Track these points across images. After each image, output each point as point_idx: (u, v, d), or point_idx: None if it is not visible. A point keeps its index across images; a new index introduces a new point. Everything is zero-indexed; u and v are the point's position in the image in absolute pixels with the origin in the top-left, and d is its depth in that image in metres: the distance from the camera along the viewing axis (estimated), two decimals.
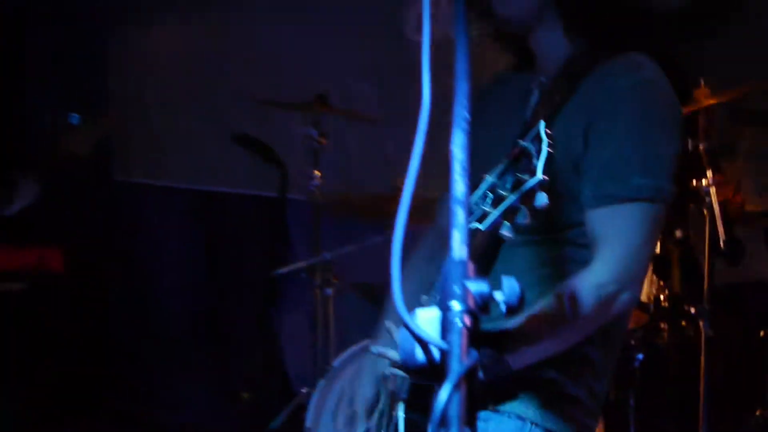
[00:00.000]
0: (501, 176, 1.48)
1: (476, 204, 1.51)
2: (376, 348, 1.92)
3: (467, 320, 1.11)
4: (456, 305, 1.12)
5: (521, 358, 1.77)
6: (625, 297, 1.79)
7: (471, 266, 1.16)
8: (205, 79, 5.57)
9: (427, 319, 1.17)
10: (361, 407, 2.02)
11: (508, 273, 1.55)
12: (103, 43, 5.97)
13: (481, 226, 1.48)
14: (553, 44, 1.97)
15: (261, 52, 5.37)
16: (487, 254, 1.75)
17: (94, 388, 5.31)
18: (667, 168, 1.81)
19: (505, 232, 1.47)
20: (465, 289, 1.13)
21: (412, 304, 2.02)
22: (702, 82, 3.56)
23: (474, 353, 1.12)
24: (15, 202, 3.39)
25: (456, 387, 1.07)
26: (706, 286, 3.52)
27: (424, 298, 1.68)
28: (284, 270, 4.03)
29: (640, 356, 3.38)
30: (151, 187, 5.67)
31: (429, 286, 2.14)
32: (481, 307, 1.14)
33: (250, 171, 4.34)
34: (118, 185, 5.75)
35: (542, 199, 1.38)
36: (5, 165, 3.42)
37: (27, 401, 5.03)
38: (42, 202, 5.48)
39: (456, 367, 1.09)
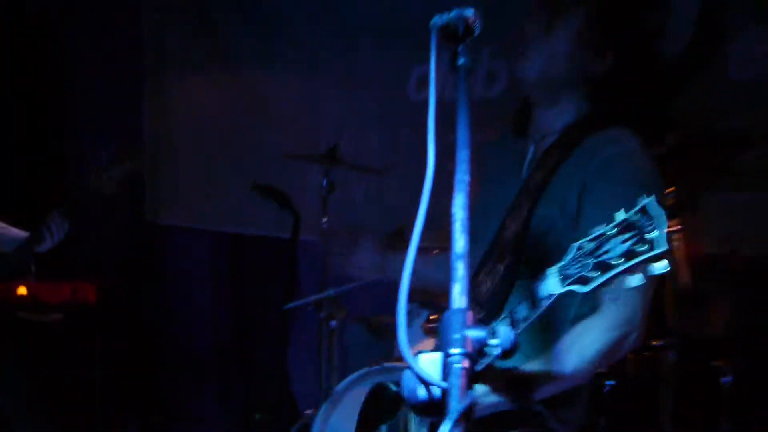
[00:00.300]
0: (600, 245, 1.43)
1: (570, 265, 1.47)
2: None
3: (466, 363, 1.14)
4: (455, 350, 1.15)
5: (541, 394, 1.80)
6: (633, 337, 1.80)
7: (470, 315, 1.18)
8: (230, 133, 5.61)
9: (429, 361, 1.18)
10: None
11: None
12: (141, 94, 6.06)
13: (585, 288, 1.43)
14: (556, 114, 2.00)
15: (279, 110, 5.41)
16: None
17: (125, 404, 5.31)
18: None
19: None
20: (464, 336, 1.16)
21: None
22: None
23: (470, 394, 1.13)
24: (47, 241, 3.41)
25: (456, 424, 1.10)
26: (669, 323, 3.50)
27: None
28: (294, 304, 4.02)
29: (610, 383, 3.39)
30: (179, 228, 5.70)
31: None
32: (479, 351, 1.17)
33: (267, 215, 4.37)
34: (149, 226, 5.82)
35: (664, 266, 1.35)
36: (38, 205, 3.46)
37: (65, 416, 5.06)
38: (77, 241, 5.56)
39: (455, 406, 1.11)
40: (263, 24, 5.54)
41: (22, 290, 5.04)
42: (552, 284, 1.48)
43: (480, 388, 1.66)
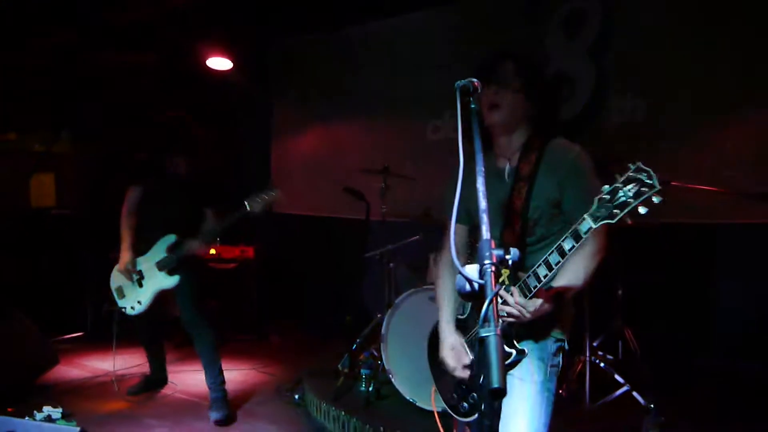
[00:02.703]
0: (614, 195, 1.37)
1: (596, 211, 1.40)
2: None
3: (493, 268, 1.14)
4: (486, 261, 1.15)
5: (566, 299, 1.70)
6: (603, 256, 1.68)
7: (492, 242, 1.15)
8: (327, 158, 5.64)
9: (470, 269, 1.16)
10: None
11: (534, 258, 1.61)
12: (270, 146, 6.15)
13: (613, 221, 1.37)
14: (517, 137, 1.83)
15: (351, 146, 5.47)
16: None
17: (271, 315, 5.38)
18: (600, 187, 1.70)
19: (629, 220, 1.36)
20: (491, 253, 1.15)
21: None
22: None
23: (498, 286, 1.12)
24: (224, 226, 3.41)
25: (490, 303, 1.09)
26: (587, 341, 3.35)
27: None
28: (368, 254, 4.01)
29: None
30: (294, 216, 5.73)
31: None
32: (500, 261, 1.16)
33: (350, 206, 4.39)
34: (276, 214, 5.87)
35: (660, 199, 1.32)
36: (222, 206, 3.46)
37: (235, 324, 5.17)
38: (242, 223, 5.61)
39: (490, 292, 1.11)
40: (342, 99, 5.57)
41: (212, 251, 5.16)
42: (589, 223, 1.43)
43: (536, 301, 1.60)
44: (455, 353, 1.83)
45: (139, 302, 3.43)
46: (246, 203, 3.19)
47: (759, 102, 3.59)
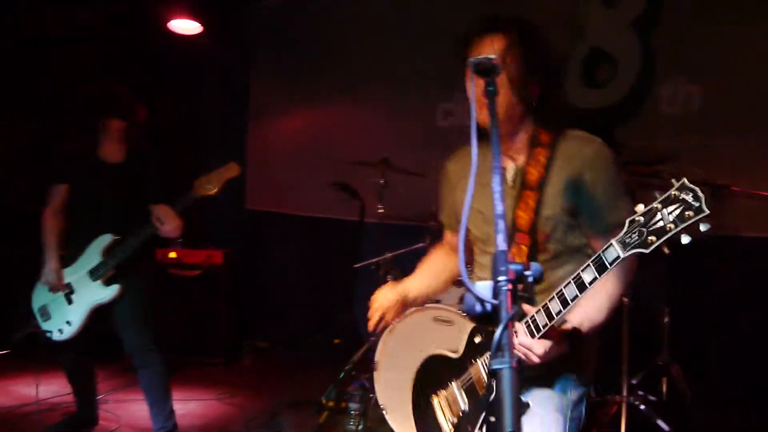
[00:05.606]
0: (651, 218, 1.36)
1: (626, 235, 1.40)
2: None
3: (509, 286, 1.12)
4: (502, 277, 1.13)
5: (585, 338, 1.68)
6: (630, 279, 1.71)
7: (509, 254, 1.17)
8: (313, 146, 5.64)
9: (482, 287, 1.15)
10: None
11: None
12: (246, 125, 6.14)
13: (647, 250, 1.37)
14: (520, 130, 1.80)
15: (344, 133, 5.47)
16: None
17: (240, 332, 5.38)
18: (626, 191, 1.73)
19: (666, 249, 1.37)
20: (507, 268, 1.14)
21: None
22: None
23: (515, 308, 1.11)
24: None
25: (505, 327, 1.08)
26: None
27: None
28: (360, 265, 4.00)
29: None
30: (273, 214, 5.75)
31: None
32: (517, 279, 1.14)
33: (341, 204, 4.38)
34: (250, 212, 5.89)
35: (708, 226, 1.31)
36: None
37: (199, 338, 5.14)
38: (209, 223, 5.59)
39: (505, 315, 1.10)
40: (331, 74, 5.57)
41: (172, 254, 5.16)
42: (616, 251, 1.42)
43: (546, 342, 1.57)
44: (390, 304, 2.02)
45: (68, 323, 3.30)
46: (194, 187, 3.13)
47: None
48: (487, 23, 1.75)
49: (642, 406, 3.33)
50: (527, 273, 1.17)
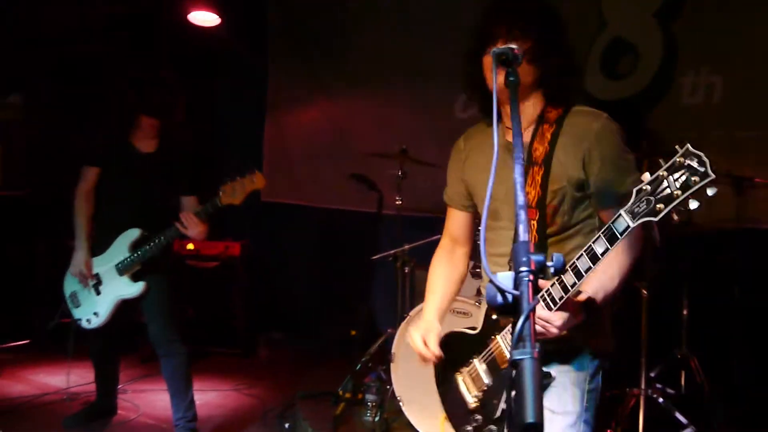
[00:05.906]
0: (657, 186, 1.35)
1: (634, 205, 1.39)
2: None
3: (531, 277, 1.10)
4: (524, 268, 1.11)
5: (600, 310, 1.69)
6: (639, 248, 1.70)
7: (531, 244, 1.12)
8: (330, 138, 5.62)
9: (504, 277, 1.14)
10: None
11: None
12: (263, 120, 6.13)
13: (655, 218, 1.36)
14: (529, 106, 1.79)
15: (366, 121, 5.45)
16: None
17: (257, 323, 5.40)
18: (634, 164, 1.73)
19: (675, 216, 1.34)
20: (529, 259, 1.12)
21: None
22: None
23: (536, 299, 1.09)
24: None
25: (527, 318, 1.06)
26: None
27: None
28: (377, 257, 4.02)
29: None
30: (290, 206, 5.75)
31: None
32: (539, 269, 1.13)
33: (358, 196, 4.38)
34: (266, 204, 5.88)
35: (714, 190, 1.28)
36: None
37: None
38: (226, 215, 5.58)
39: (527, 306, 1.08)
40: (350, 65, 5.55)
41: (190, 246, 5.20)
42: (626, 221, 1.41)
43: (563, 314, 1.58)
44: (425, 334, 1.92)
45: (95, 314, 3.37)
46: (219, 194, 3.14)
47: None
48: (504, 9, 1.77)
49: (660, 399, 3.33)
50: (549, 264, 1.16)
